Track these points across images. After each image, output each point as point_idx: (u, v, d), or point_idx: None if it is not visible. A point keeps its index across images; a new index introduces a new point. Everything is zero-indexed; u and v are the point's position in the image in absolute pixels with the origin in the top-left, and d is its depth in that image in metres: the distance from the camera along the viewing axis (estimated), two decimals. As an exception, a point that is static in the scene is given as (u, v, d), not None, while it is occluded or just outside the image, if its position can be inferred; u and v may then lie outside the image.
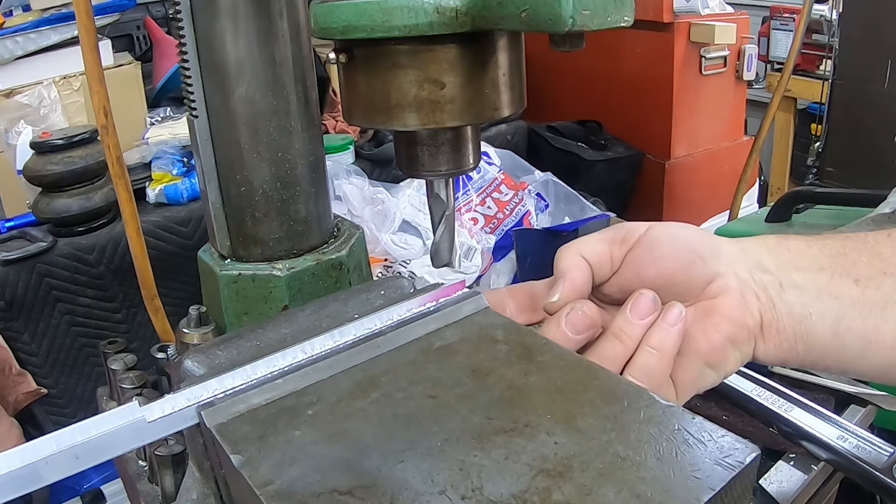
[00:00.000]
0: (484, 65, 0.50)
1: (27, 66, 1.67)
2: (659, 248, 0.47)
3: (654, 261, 0.47)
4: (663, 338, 0.44)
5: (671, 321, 0.44)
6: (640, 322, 0.44)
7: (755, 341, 0.46)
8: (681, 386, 0.45)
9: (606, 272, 0.48)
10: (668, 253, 0.47)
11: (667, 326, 0.44)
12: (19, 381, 1.46)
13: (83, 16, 0.74)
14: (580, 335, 0.45)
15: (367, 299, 0.61)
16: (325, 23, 0.49)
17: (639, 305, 0.44)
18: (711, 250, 0.47)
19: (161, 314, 0.94)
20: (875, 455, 0.66)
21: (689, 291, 0.46)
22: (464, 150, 0.55)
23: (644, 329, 0.44)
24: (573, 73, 2.46)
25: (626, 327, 0.44)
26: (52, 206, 1.48)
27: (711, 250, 0.47)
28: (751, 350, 0.46)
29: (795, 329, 0.45)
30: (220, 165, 0.66)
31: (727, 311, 0.45)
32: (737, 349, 0.46)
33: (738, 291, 0.45)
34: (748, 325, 0.45)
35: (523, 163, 2.00)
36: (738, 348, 0.46)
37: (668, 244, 0.47)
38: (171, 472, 0.62)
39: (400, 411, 0.48)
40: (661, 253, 0.47)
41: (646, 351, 0.44)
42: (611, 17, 0.42)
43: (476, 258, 1.62)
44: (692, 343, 0.45)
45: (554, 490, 0.41)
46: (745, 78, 2.30)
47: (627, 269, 0.48)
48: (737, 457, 0.44)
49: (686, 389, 0.45)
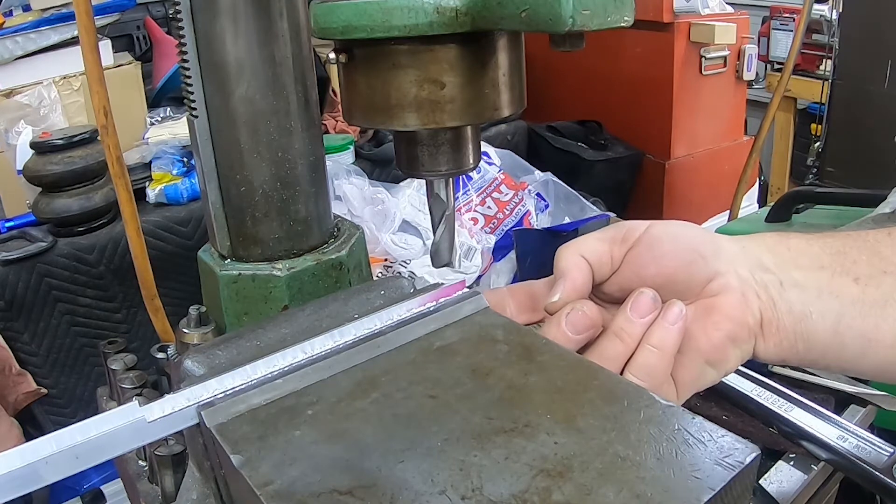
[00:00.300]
0: (484, 65, 0.50)
1: (27, 66, 1.67)
2: (659, 246, 0.47)
3: (654, 260, 0.47)
4: (664, 336, 0.44)
5: (671, 319, 0.44)
6: (641, 321, 0.44)
7: (755, 339, 0.46)
8: (681, 384, 0.45)
9: (606, 271, 0.48)
10: (669, 252, 0.47)
11: (667, 325, 0.44)
12: (19, 381, 1.46)
13: (83, 16, 0.74)
14: (580, 335, 0.45)
15: (367, 299, 0.61)
16: (325, 23, 0.49)
17: (639, 304, 0.44)
18: (712, 249, 0.47)
19: (161, 314, 0.94)
20: (875, 455, 0.66)
21: (689, 290, 0.46)
22: (464, 150, 0.55)
23: (644, 328, 0.44)
24: (573, 73, 2.46)
25: (626, 326, 0.44)
26: (52, 206, 1.48)
27: (712, 249, 0.47)
28: (751, 348, 0.46)
29: (795, 327, 0.46)
30: (220, 165, 0.66)
31: (728, 310, 0.45)
32: (737, 347, 0.46)
33: (738, 290, 0.45)
34: (748, 323, 0.45)
35: (523, 163, 2.00)
36: (739, 346, 0.46)
37: (668, 243, 0.47)
38: (171, 472, 0.62)
39: (400, 411, 0.48)
40: (661, 252, 0.47)
41: (646, 349, 0.44)
42: (611, 17, 0.42)
43: (476, 258, 1.62)
44: (693, 341, 0.45)
45: (554, 490, 0.41)
46: (745, 78, 2.30)
47: (628, 269, 0.48)
48: (737, 457, 0.44)
49: (687, 388, 0.46)
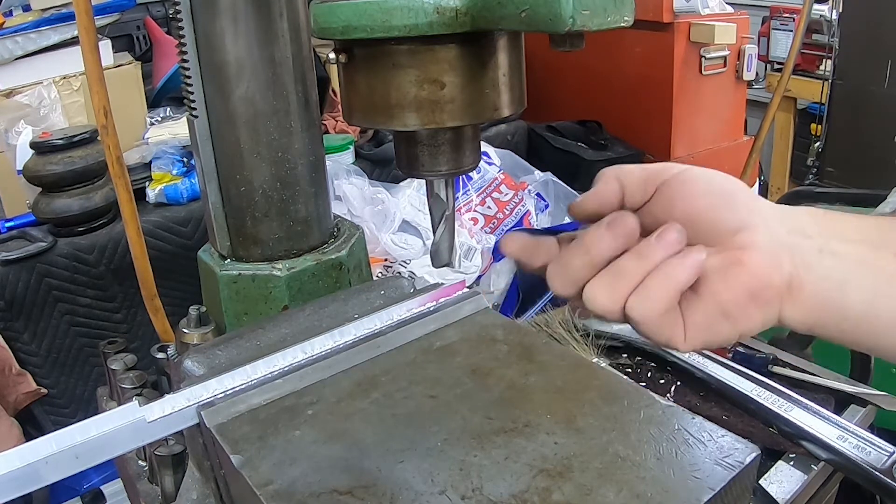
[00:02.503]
0: (484, 65, 0.50)
1: (27, 66, 1.67)
2: (693, 184, 0.48)
3: (685, 195, 0.47)
4: (676, 265, 0.44)
5: (689, 261, 0.44)
6: (662, 248, 0.45)
7: (781, 302, 0.46)
8: (691, 326, 0.45)
9: (638, 198, 0.49)
10: (701, 190, 0.47)
11: (684, 261, 0.44)
12: (19, 381, 1.46)
13: (83, 16, 0.74)
14: (618, 241, 0.46)
15: (367, 299, 0.61)
16: (324, 23, 0.49)
17: (665, 233, 0.45)
18: (747, 201, 0.47)
19: (161, 314, 0.94)
20: (875, 455, 0.66)
21: (715, 233, 0.46)
22: (464, 150, 0.55)
23: (663, 256, 0.45)
24: (573, 73, 2.46)
25: (647, 249, 0.45)
26: (52, 206, 1.48)
27: (747, 201, 0.47)
28: (775, 313, 0.46)
29: (830, 295, 0.45)
30: (220, 165, 0.66)
31: (753, 265, 0.45)
32: (759, 308, 0.45)
33: (769, 248, 0.45)
34: (774, 283, 0.45)
35: (523, 163, 2.00)
36: (761, 308, 0.45)
37: (702, 183, 0.48)
38: (171, 472, 0.62)
39: (400, 411, 0.48)
40: (693, 189, 0.48)
41: (655, 272, 0.44)
42: (611, 17, 0.42)
43: (476, 258, 1.62)
44: (710, 286, 0.45)
45: (554, 490, 0.41)
46: (745, 78, 2.30)
47: (659, 200, 0.48)
48: (737, 457, 0.44)
49: (696, 331, 0.45)
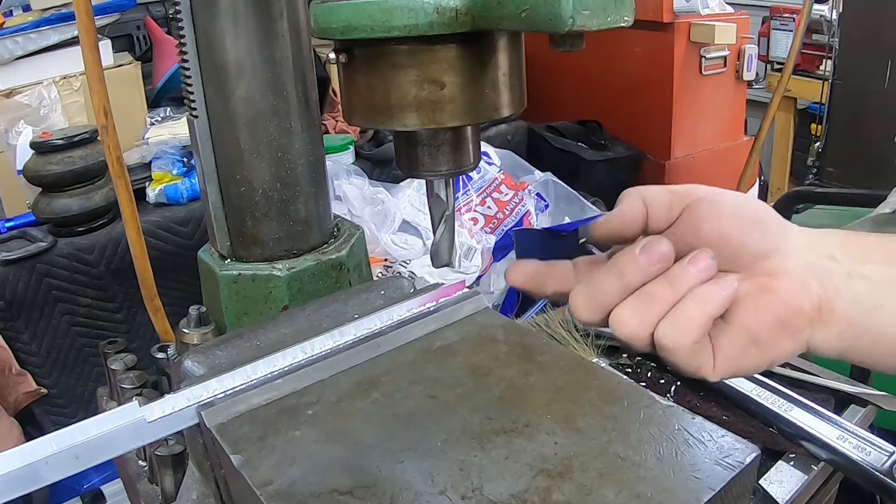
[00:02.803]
0: (484, 65, 0.50)
1: (27, 66, 1.67)
2: (721, 206, 0.47)
3: (712, 218, 0.46)
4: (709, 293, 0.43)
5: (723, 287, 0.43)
6: (695, 274, 0.44)
7: (812, 329, 0.45)
8: (721, 354, 0.44)
9: (663, 221, 0.48)
10: (729, 213, 0.46)
11: (717, 288, 0.43)
12: (19, 381, 1.46)
13: (83, 16, 0.74)
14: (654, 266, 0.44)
15: (367, 299, 0.61)
16: (325, 23, 0.49)
17: (697, 258, 0.44)
18: (775, 225, 0.47)
19: (161, 314, 0.94)
20: (875, 455, 0.66)
21: (742, 257, 0.46)
22: (464, 150, 0.55)
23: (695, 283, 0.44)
24: (573, 73, 2.46)
25: (680, 274, 0.44)
26: (52, 206, 1.48)
27: (775, 225, 0.47)
28: (805, 340, 0.45)
29: (861, 319, 0.45)
30: (220, 165, 0.66)
31: (783, 293, 0.44)
32: (789, 336, 0.45)
33: (798, 275, 0.45)
34: (805, 309, 0.44)
35: (523, 163, 2.00)
36: (792, 335, 0.45)
37: (731, 206, 0.47)
38: (171, 472, 0.62)
39: (400, 411, 0.48)
40: (721, 211, 0.47)
41: (688, 298, 0.43)
42: (611, 17, 0.42)
43: (476, 258, 1.62)
44: (740, 314, 0.44)
45: (554, 490, 0.41)
46: (745, 78, 2.30)
47: (685, 222, 0.47)
48: (737, 457, 0.44)
49: (726, 360, 0.44)
